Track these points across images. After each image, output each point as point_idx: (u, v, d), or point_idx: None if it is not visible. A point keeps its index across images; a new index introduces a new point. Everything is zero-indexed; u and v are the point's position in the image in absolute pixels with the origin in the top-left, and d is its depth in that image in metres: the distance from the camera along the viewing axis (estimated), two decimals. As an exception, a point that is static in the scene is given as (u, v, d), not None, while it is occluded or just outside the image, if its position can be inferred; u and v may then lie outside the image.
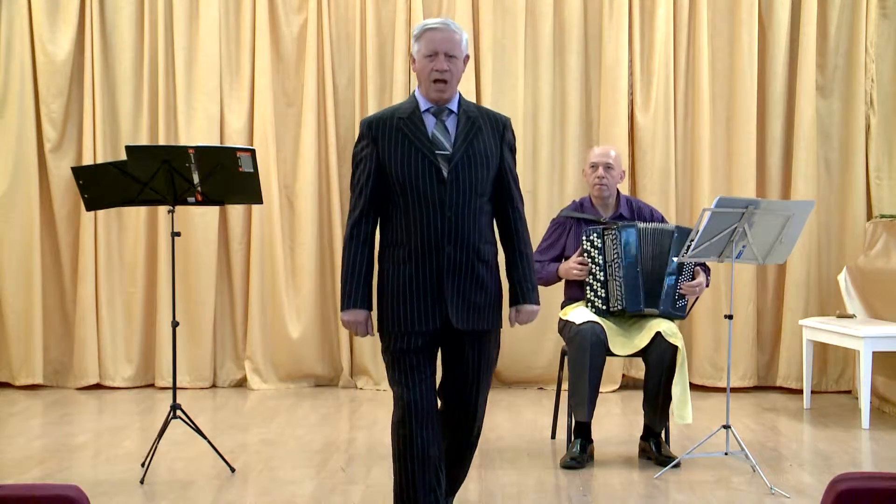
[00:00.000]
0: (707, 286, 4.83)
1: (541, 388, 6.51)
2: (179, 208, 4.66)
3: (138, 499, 4.14)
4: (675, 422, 4.59)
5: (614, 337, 4.62)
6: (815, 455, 4.91)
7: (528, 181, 6.42)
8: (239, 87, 6.58)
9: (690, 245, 4.35)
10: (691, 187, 6.52)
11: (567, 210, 4.98)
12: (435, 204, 3.29)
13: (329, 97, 6.53)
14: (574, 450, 4.61)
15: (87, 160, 6.36)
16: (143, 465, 4.44)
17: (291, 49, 6.59)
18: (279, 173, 6.54)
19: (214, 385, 6.61)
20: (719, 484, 4.32)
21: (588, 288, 4.71)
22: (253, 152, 4.55)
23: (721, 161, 6.51)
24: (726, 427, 4.50)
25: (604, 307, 4.67)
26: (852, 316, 5.90)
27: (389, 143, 3.34)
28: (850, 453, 4.93)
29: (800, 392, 6.14)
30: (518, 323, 3.53)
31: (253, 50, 6.55)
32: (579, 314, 4.66)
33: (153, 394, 6.39)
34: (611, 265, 4.65)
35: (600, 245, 4.67)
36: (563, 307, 4.87)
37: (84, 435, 5.28)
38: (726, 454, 4.56)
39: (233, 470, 4.50)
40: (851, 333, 5.50)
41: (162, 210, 6.27)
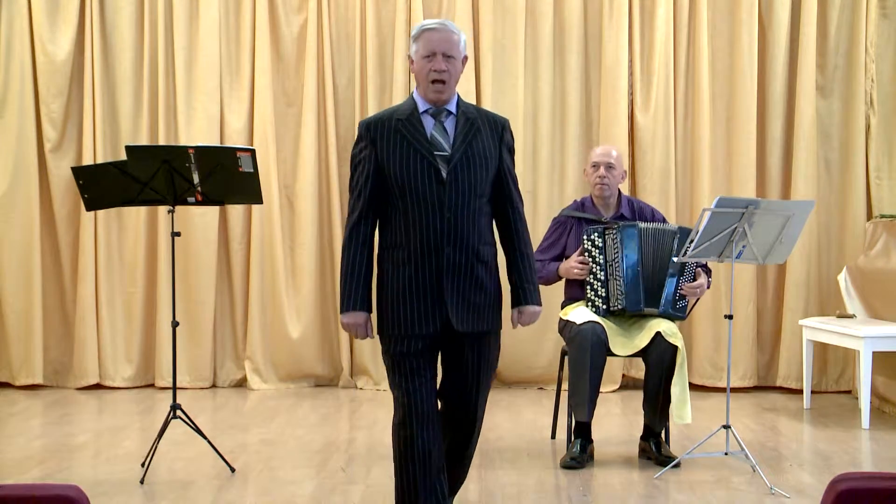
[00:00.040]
0: (708, 288, 4.82)
1: (541, 388, 6.51)
2: (179, 208, 4.66)
3: (138, 499, 4.14)
4: (675, 422, 4.59)
5: (615, 337, 4.62)
6: (815, 455, 4.91)
7: (528, 181, 6.43)
8: (239, 87, 6.58)
9: (690, 245, 4.35)
10: (691, 187, 6.52)
11: (568, 209, 4.97)
12: (434, 205, 3.28)
13: (329, 97, 6.53)
14: (574, 450, 4.61)
15: (87, 160, 6.37)
16: (143, 465, 4.44)
17: (291, 49, 6.59)
18: (279, 173, 6.54)
19: (214, 385, 6.61)
20: (719, 484, 4.32)
21: (588, 287, 4.71)
22: (253, 152, 4.55)
23: (721, 161, 6.51)
24: (726, 427, 4.50)
25: (604, 306, 4.67)
26: (852, 316, 5.90)
27: (388, 145, 3.33)
28: (850, 453, 4.93)
29: (800, 392, 6.14)
30: (521, 324, 3.52)
31: (253, 50, 6.55)
32: (580, 314, 4.66)
33: (153, 394, 6.39)
34: (611, 264, 4.65)
35: (601, 244, 4.67)
36: (564, 307, 4.87)
37: (84, 435, 5.28)
38: (726, 454, 4.56)
39: (233, 470, 4.50)
40: (851, 333, 5.50)
41: (162, 210, 6.27)
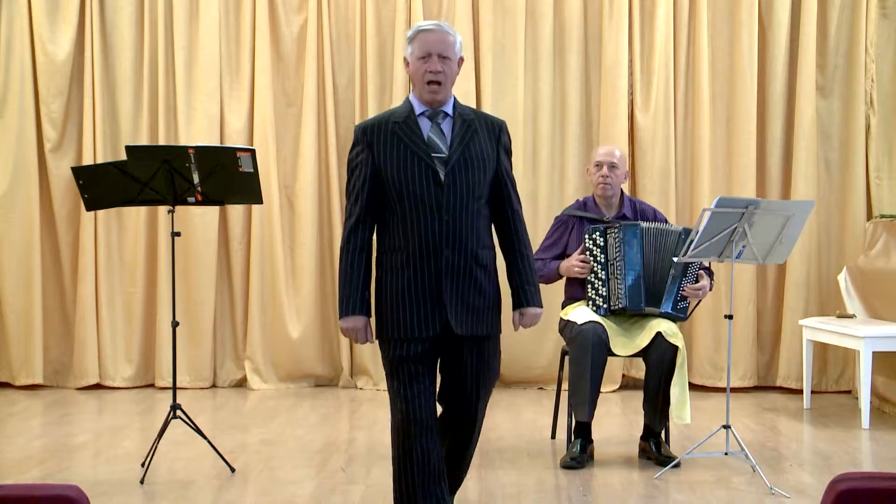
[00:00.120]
0: (710, 290, 4.80)
1: (541, 388, 6.51)
2: (179, 208, 4.66)
3: (138, 499, 4.14)
4: (675, 422, 4.59)
5: (615, 337, 4.62)
6: (815, 455, 4.91)
7: (529, 182, 6.43)
8: (239, 87, 6.58)
9: (690, 245, 4.34)
10: (691, 187, 6.52)
11: (570, 209, 4.97)
12: (432, 207, 3.27)
13: (329, 97, 6.53)
14: (574, 450, 4.61)
15: (87, 160, 6.36)
16: (143, 465, 4.44)
17: (291, 49, 6.59)
18: (279, 173, 6.54)
19: (214, 385, 6.61)
20: (719, 484, 4.32)
21: (590, 286, 4.71)
22: (253, 152, 4.55)
23: (721, 161, 6.51)
24: (726, 427, 4.50)
25: (605, 305, 4.67)
26: (852, 316, 5.90)
27: (385, 148, 3.31)
28: (850, 453, 4.93)
29: (800, 392, 6.14)
30: (522, 326, 3.49)
31: (253, 50, 6.55)
32: (580, 314, 4.66)
33: (153, 394, 6.39)
34: (613, 264, 4.64)
35: (602, 244, 4.67)
36: (564, 307, 4.87)
37: (84, 435, 5.28)
38: (726, 454, 4.55)
39: (233, 470, 4.50)
40: (851, 333, 5.50)
41: (162, 210, 6.27)
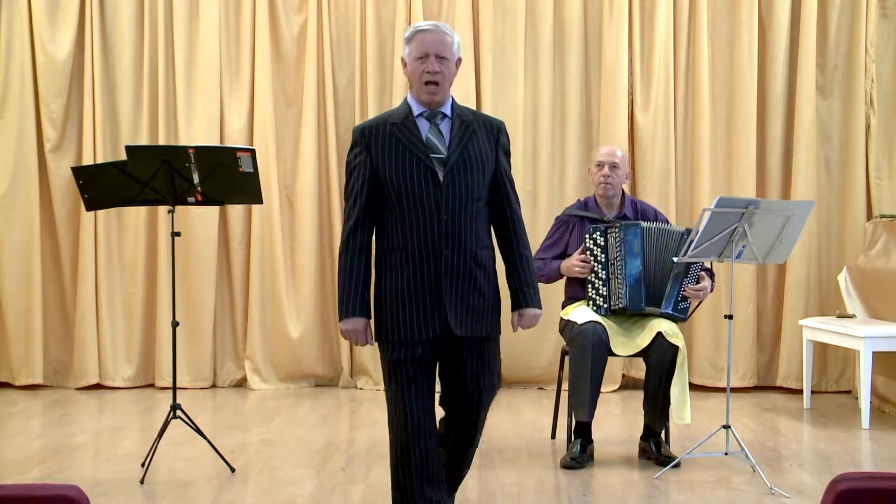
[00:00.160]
0: (711, 291, 4.80)
1: (541, 388, 6.51)
2: (179, 208, 4.66)
3: (138, 499, 4.14)
4: (675, 422, 4.59)
5: (616, 337, 4.62)
6: (815, 455, 4.91)
7: (528, 181, 6.43)
8: (239, 87, 6.58)
9: (690, 245, 4.34)
10: (691, 187, 6.52)
11: (571, 208, 4.96)
12: (431, 208, 3.27)
13: (329, 97, 6.53)
14: (574, 450, 4.61)
15: (87, 160, 6.36)
16: (143, 465, 4.44)
17: (291, 49, 6.59)
18: (279, 173, 6.54)
19: (214, 385, 6.61)
20: (719, 484, 4.32)
21: (590, 286, 4.71)
22: (253, 152, 4.55)
23: (721, 161, 6.51)
24: (726, 427, 4.50)
25: (605, 305, 4.67)
26: (852, 316, 5.90)
27: (383, 149, 3.30)
28: (850, 453, 4.93)
29: (800, 392, 6.14)
30: (521, 327, 3.48)
31: (253, 50, 6.55)
32: (581, 314, 4.66)
33: (153, 394, 6.39)
34: (613, 263, 4.64)
35: (603, 243, 4.66)
36: (564, 307, 4.87)
37: (84, 435, 5.28)
38: (726, 454, 4.55)
39: (233, 470, 4.50)
40: (851, 333, 5.50)
41: (162, 210, 6.27)
